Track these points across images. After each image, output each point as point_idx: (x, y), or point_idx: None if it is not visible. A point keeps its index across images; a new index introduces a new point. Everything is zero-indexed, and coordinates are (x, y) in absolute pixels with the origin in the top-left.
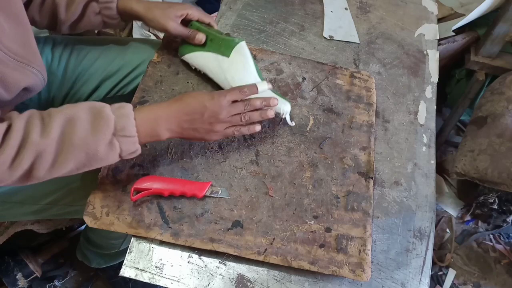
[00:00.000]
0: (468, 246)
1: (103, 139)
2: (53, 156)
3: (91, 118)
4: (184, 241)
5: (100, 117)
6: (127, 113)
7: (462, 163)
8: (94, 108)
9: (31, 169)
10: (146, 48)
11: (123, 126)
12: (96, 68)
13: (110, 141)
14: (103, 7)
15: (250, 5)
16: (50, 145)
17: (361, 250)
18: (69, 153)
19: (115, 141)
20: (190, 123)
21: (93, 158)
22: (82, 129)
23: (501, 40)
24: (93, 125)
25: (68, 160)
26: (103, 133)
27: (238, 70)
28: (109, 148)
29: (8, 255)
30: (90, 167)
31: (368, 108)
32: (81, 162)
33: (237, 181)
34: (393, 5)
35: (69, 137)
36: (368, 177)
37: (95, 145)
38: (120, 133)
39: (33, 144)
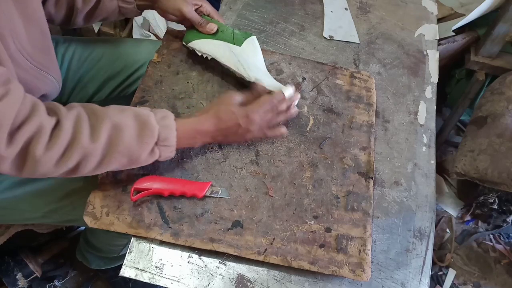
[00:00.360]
0: (468, 246)
1: (146, 147)
2: (99, 159)
3: (138, 127)
4: (184, 241)
5: (145, 127)
6: (171, 125)
7: (462, 163)
8: (140, 116)
9: (76, 168)
10: (147, 48)
11: (166, 137)
12: (99, 68)
13: (152, 149)
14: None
15: (250, 5)
16: (97, 149)
17: (361, 250)
18: (114, 157)
19: (156, 149)
20: (224, 137)
21: (134, 162)
22: (128, 136)
23: (501, 40)
24: (139, 134)
25: (111, 163)
26: (147, 142)
27: (250, 57)
28: (150, 155)
29: (8, 255)
30: (128, 167)
31: (368, 108)
32: (122, 164)
33: (237, 181)
34: (393, 5)
35: (116, 143)
36: (368, 177)
37: (138, 152)
38: (162, 142)
39: (81, 146)
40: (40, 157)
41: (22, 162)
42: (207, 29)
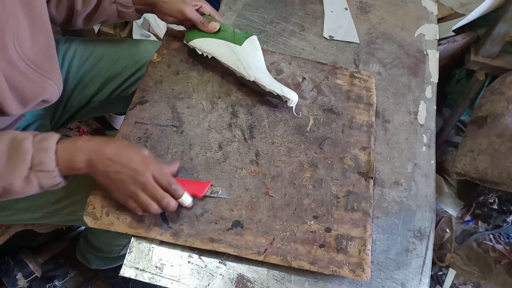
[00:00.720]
0: (468, 246)
1: (19, 174)
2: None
3: (9, 151)
4: (184, 241)
5: (18, 151)
6: (47, 147)
7: (462, 163)
8: (15, 140)
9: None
10: (147, 48)
11: (40, 161)
12: (99, 69)
13: (27, 176)
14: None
15: (250, 5)
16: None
17: (361, 250)
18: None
19: (32, 177)
20: (111, 168)
21: (10, 191)
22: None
23: (501, 40)
24: (10, 159)
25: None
26: (19, 168)
27: (250, 56)
28: (25, 183)
29: (8, 255)
30: (8, 198)
31: (368, 108)
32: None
33: (237, 181)
34: (393, 5)
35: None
36: (368, 177)
37: (11, 179)
38: (37, 167)
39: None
40: None
41: None
42: (209, 28)
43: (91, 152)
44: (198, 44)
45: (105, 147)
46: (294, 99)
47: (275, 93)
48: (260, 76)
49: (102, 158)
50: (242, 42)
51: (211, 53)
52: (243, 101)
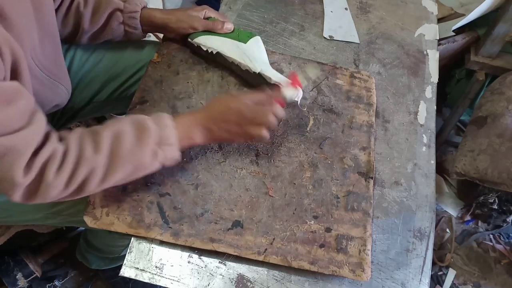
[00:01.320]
0: (468, 246)
1: (148, 150)
2: (104, 169)
3: (136, 131)
4: (184, 241)
5: (143, 130)
6: (168, 124)
7: (462, 163)
8: (136, 121)
9: (83, 184)
10: (147, 49)
11: (165, 136)
12: (100, 69)
13: (154, 151)
14: (127, 17)
15: (250, 5)
16: (101, 160)
17: (361, 250)
18: (118, 165)
19: (159, 151)
20: (218, 125)
21: (139, 168)
22: (128, 142)
23: (501, 40)
24: (138, 137)
25: (116, 172)
26: (148, 144)
27: (255, 53)
28: (153, 157)
29: (8, 255)
30: (135, 177)
31: (368, 108)
32: (127, 173)
33: (237, 181)
34: (393, 5)
35: (117, 150)
36: (368, 177)
37: (140, 156)
38: (163, 142)
39: (87, 160)
40: (52, 181)
41: (34, 189)
42: (224, 30)
43: (201, 126)
44: (203, 41)
45: (209, 113)
46: (299, 93)
47: (281, 85)
48: (266, 68)
49: (210, 125)
50: (246, 41)
51: (216, 49)
52: None
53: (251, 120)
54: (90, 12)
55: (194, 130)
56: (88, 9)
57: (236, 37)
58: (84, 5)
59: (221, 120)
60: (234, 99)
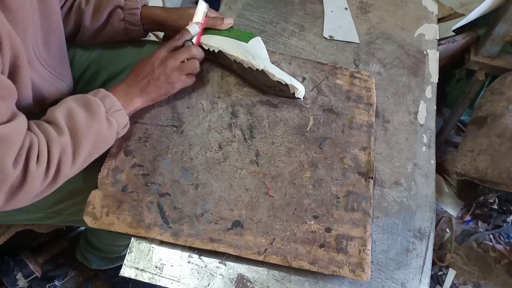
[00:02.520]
0: (468, 246)
1: (101, 118)
2: (72, 147)
3: (83, 106)
4: (184, 241)
5: (89, 103)
6: (106, 94)
7: (462, 163)
8: (78, 99)
9: (58, 168)
10: (147, 49)
11: (110, 104)
12: (100, 69)
13: (107, 118)
14: (128, 13)
15: (250, 5)
16: (67, 138)
17: (361, 250)
18: (81, 140)
19: (111, 118)
20: (148, 82)
21: (100, 138)
22: (81, 117)
23: (501, 40)
24: (88, 111)
25: (83, 146)
26: (99, 113)
27: (257, 52)
28: (108, 125)
29: (8, 255)
30: (100, 150)
31: (368, 108)
32: (91, 144)
33: (237, 181)
34: (393, 5)
35: (76, 126)
36: (368, 177)
37: (98, 125)
38: (111, 109)
39: (56, 142)
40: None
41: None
42: (225, 25)
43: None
44: (205, 40)
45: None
46: (302, 90)
47: (284, 82)
48: (268, 66)
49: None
50: (248, 40)
51: (218, 47)
52: (243, 101)
53: (176, 70)
54: (91, 10)
55: (130, 93)
56: (90, 7)
57: (237, 37)
58: (86, 2)
59: (151, 79)
60: (153, 55)
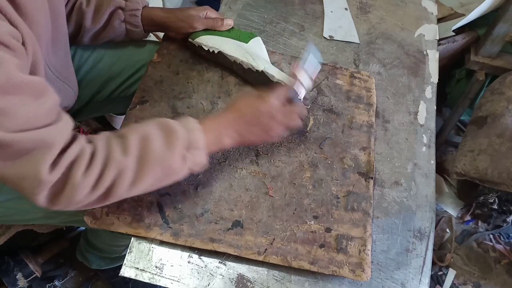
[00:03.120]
0: (468, 246)
1: (177, 153)
2: (134, 172)
3: (164, 134)
4: (184, 241)
5: (171, 133)
6: (196, 127)
7: (462, 163)
8: (164, 124)
9: (111, 188)
10: (147, 48)
11: (195, 140)
12: (100, 69)
13: (183, 154)
14: (129, 15)
15: (250, 5)
16: (130, 162)
17: (361, 250)
18: (147, 168)
19: (188, 155)
20: (248, 129)
21: (168, 173)
22: (157, 145)
23: (501, 40)
24: (167, 141)
25: (146, 176)
26: (177, 146)
27: (257, 52)
28: (182, 161)
29: (8, 255)
30: (164, 182)
31: (368, 108)
32: (157, 177)
33: (237, 181)
34: (393, 5)
35: (146, 153)
36: (368, 177)
37: (170, 159)
38: (192, 146)
39: (116, 162)
40: (79, 182)
41: (60, 189)
42: (225, 26)
43: (230, 130)
44: (205, 41)
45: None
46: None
47: (284, 83)
48: (268, 66)
49: (240, 129)
50: (248, 41)
51: (218, 48)
52: None
53: (280, 123)
54: (92, 11)
55: (223, 133)
56: (91, 8)
57: (237, 37)
58: (87, 3)
59: (253, 124)
60: (264, 102)
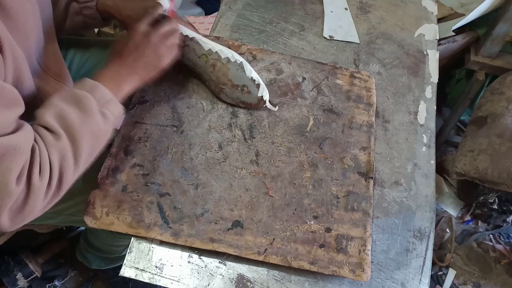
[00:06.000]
0: (468, 246)
1: (95, 113)
2: (71, 150)
3: (73, 104)
4: (184, 241)
5: (78, 99)
6: (94, 84)
7: (462, 163)
8: (66, 96)
9: (61, 175)
10: None
11: (100, 95)
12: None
13: (100, 111)
14: (83, 7)
15: (250, 5)
16: (65, 142)
17: (361, 250)
18: (80, 139)
19: (104, 110)
20: (134, 59)
21: (98, 134)
22: (74, 116)
23: (501, 40)
24: (80, 108)
25: (83, 147)
26: (92, 108)
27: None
28: (103, 118)
29: (8, 255)
30: (99, 146)
31: (368, 108)
32: (91, 143)
33: (237, 181)
34: (393, 5)
35: (71, 127)
36: (368, 177)
37: (93, 121)
38: (102, 101)
39: (54, 146)
40: (38, 187)
41: (25, 199)
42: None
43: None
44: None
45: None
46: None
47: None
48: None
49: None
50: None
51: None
52: None
53: (161, 44)
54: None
55: (118, 79)
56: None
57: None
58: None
59: (137, 57)
60: (133, 33)
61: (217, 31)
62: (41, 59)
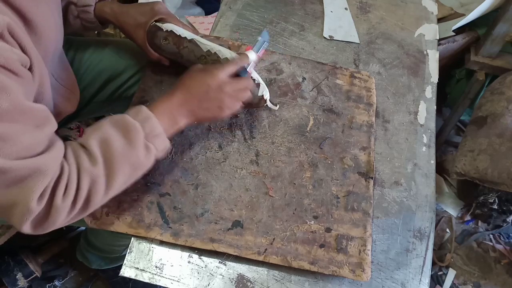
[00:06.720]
0: (468, 246)
1: (139, 146)
2: (105, 178)
3: (121, 132)
4: (184, 241)
5: (128, 128)
6: (148, 115)
7: (462, 163)
8: (117, 122)
9: (88, 199)
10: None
11: (151, 128)
12: (100, 69)
13: (145, 145)
14: (81, 11)
15: (250, 5)
16: (100, 169)
17: (361, 250)
18: (116, 170)
19: (150, 144)
20: (201, 106)
21: (136, 167)
22: (118, 144)
23: (501, 40)
24: (126, 137)
25: (117, 177)
26: (138, 140)
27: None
28: (146, 152)
29: (8, 255)
30: (135, 176)
31: (368, 108)
32: (127, 174)
33: (237, 181)
34: (393, 5)
35: (111, 155)
36: (368, 177)
37: (134, 154)
38: (151, 135)
39: (88, 173)
40: (60, 206)
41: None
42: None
43: (182, 108)
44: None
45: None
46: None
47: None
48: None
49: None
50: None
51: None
52: None
53: (231, 96)
54: None
55: (177, 115)
56: None
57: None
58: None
59: (203, 100)
60: (211, 76)
61: (217, 31)
62: (55, 69)
